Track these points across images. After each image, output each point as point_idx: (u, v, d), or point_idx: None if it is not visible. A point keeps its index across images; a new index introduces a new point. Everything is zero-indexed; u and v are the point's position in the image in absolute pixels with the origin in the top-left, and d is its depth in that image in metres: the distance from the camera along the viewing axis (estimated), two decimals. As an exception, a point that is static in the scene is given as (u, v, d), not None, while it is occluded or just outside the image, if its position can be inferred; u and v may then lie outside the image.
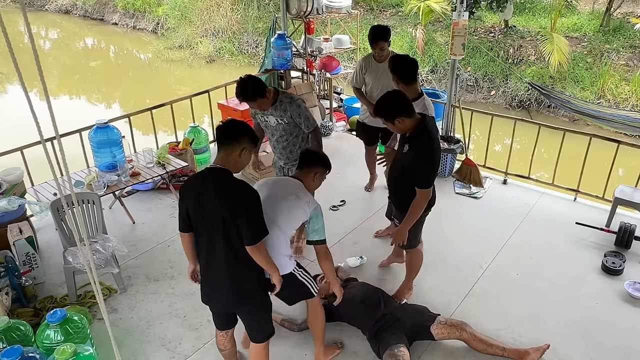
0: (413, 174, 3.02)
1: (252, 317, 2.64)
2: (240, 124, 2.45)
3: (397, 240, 3.22)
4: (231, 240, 2.34)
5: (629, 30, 10.07)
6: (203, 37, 13.97)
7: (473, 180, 5.21)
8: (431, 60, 10.75)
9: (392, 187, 3.40)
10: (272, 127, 3.75)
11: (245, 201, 2.31)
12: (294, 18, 6.71)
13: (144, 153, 4.78)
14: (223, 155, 2.37)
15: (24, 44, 13.46)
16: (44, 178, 4.41)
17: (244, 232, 2.30)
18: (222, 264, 2.42)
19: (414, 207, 3.07)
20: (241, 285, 2.47)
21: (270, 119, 3.69)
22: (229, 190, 2.31)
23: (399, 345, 2.96)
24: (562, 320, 3.46)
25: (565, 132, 4.99)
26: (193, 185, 2.46)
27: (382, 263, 4.01)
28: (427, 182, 3.02)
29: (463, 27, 4.92)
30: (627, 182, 4.71)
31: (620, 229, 4.18)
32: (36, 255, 3.80)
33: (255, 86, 3.44)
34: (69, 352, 2.46)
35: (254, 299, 2.55)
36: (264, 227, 2.36)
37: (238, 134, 2.37)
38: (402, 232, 3.17)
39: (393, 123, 2.95)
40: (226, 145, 2.36)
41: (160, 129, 6.87)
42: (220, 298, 2.56)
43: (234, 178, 2.35)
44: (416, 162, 2.99)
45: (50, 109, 1.22)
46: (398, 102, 2.94)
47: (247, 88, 3.44)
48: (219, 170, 2.35)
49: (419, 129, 2.98)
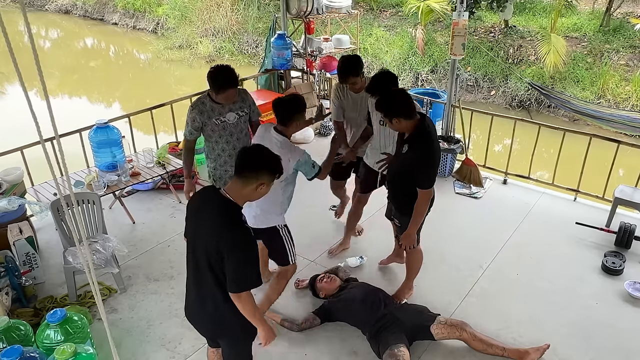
0: (413, 175, 3.02)
1: (229, 349, 2.46)
2: (265, 153, 2.22)
3: (406, 244, 3.23)
4: (216, 273, 2.15)
5: (629, 30, 10.06)
6: (203, 37, 13.97)
7: (473, 180, 5.21)
8: (431, 60, 10.75)
9: (392, 188, 3.39)
10: (232, 126, 3.51)
11: (237, 247, 2.08)
12: (294, 18, 6.71)
13: (144, 153, 4.78)
14: (237, 186, 2.15)
15: (24, 44, 13.44)
16: (44, 178, 4.41)
17: (228, 276, 2.10)
18: (205, 294, 2.25)
19: (417, 208, 3.08)
20: (220, 319, 2.28)
21: (229, 115, 3.48)
22: (227, 229, 2.10)
23: (399, 345, 2.96)
24: (562, 320, 3.46)
25: (565, 132, 4.99)
26: (197, 205, 2.29)
27: (382, 262, 4.01)
28: (427, 182, 3.03)
29: (463, 27, 4.92)
30: (627, 182, 4.72)
31: (620, 229, 4.18)
32: (36, 255, 3.80)
33: (233, 71, 3.33)
34: (69, 352, 2.46)
35: (234, 334, 2.34)
36: (254, 278, 2.13)
37: (258, 168, 2.15)
38: (410, 235, 3.18)
39: (391, 121, 2.97)
40: (243, 177, 2.14)
41: (160, 129, 6.86)
42: (200, 322, 2.40)
43: (239, 218, 2.14)
44: (416, 163, 2.99)
45: (49, 109, 1.22)
46: (397, 102, 2.95)
47: (232, 74, 3.29)
48: (228, 203, 2.14)
49: (418, 130, 2.98)
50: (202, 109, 3.45)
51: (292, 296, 3.71)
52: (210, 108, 3.46)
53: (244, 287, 2.11)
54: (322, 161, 3.42)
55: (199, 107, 3.45)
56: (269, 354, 3.16)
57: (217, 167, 3.64)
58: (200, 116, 3.44)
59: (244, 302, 2.14)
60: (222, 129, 3.50)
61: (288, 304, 3.60)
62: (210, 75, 3.33)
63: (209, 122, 3.46)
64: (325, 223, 4.61)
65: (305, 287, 3.73)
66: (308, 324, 3.34)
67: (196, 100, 3.54)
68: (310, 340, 3.25)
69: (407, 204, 3.13)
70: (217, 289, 2.18)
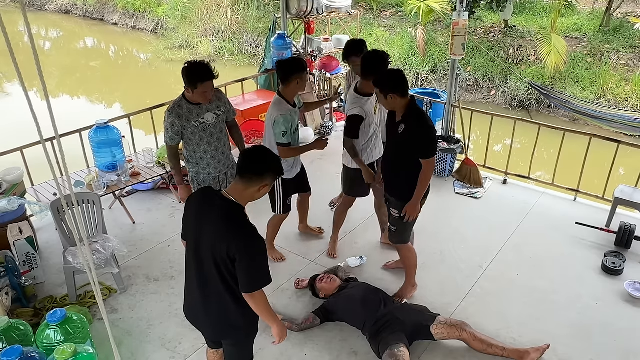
0: (414, 148, 3.10)
1: (232, 347, 2.47)
2: (268, 155, 2.21)
3: (411, 214, 3.27)
4: (224, 275, 2.15)
5: (629, 30, 10.06)
6: (203, 37, 13.97)
7: (473, 180, 5.21)
8: (431, 60, 10.74)
9: (389, 176, 3.38)
10: (211, 127, 3.46)
11: (248, 250, 2.09)
12: (294, 18, 6.70)
13: (144, 153, 4.78)
14: (240, 187, 2.15)
15: (24, 44, 13.45)
16: (44, 178, 4.41)
17: (240, 278, 2.12)
18: (211, 295, 2.25)
19: (422, 178, 3.15)
20: (226, 320, 2.29)
21: (207, 116, 3.42)
22: (235, 234, 2.10)
23: (399, 345, 2.97)
24: (562, 320, 3.46)
25: (565, 132, 4.99)
26: (198, 207, 2.26)
27: (388, 265, 3.99)
28: (431, 150, 3.14)
29: (463, 27, 4.92)
30: (627, 182, 4.71)
31: (620, 229, 4.18)
32: (36, 255, 3.80)
33: (209, 65, 3.27)
34: (69, 352, 2.46)
35: (239, 333, 2.37)
36: (265, 276, 2.14)
37: (262, 170, 2.15)
38: (414, 206, 3.24)
39: (385, 98, 3.06)
40: (246, 178, 2.14)
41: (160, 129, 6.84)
42: (203, 323, 2.41)
43: (244, 219, 2.15)
44: (416, 136, 3.09)
45: (50, 109, 1.22)
46: (395, 79, 3.06)
47: (209, 67, 3.22)
48: (231, 205, 2.13)
49: (411, 108, 3.11)
50: (180, 113, 3.34)
51: (292, 296, 3.71)
52: (187, 110, 3.36)
53: (257, 287, 2.14)
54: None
55: (176, 111, 3.34)
56: (268, 353, 3.16)
57: (199, 171, 3.58)
58: (179, 120, 3.34)
59: (257, 301, 2.17)
60: (202, 130, 3.43)
61: (288, 304, 3.60)
62: (187, 70, 3.22)
63: (188, 125, 3.37)
64: (325, 223, 4.61)
65: (305, 287, 3.73)
66: (308, 324, 3.34)
67: (172, 104, 3.39)
68: (310, 340, 3.25)
69: (407, 191, 3.19)
70: (225, 292, 2.19)
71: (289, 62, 3.53)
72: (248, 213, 2.20)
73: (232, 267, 2.12)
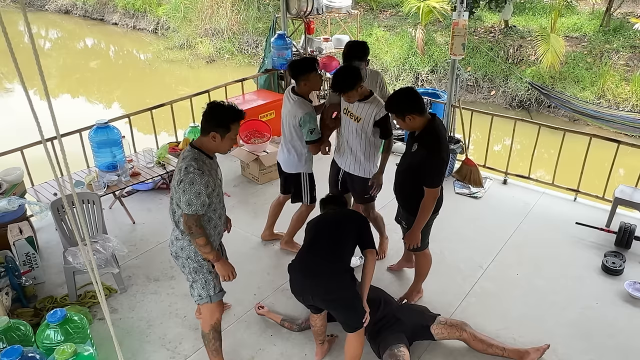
0: (421, 173, 3.00)
1: (338, 312, 2.90)
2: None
3: (410, 242, 3.22)
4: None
5: (629, 30, 10.07)
6: (203, 37, 13.97)
7: (473, 180, 5.21)
8: (431, 60, 10.75)
9: (399, 188, 3.32)
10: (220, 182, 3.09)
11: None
12: (294, 18, 6.71)
13: (144, 153, 4.78)
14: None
15: (24, 44, 13.45)
16: (44, 178, 4.41)
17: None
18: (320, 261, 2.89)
19: (424, 207, 3.06)
20: (328, 283, 2.81)
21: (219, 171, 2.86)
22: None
23: (399, 345, 2.97)
24: (562, 320, 3.46)
25: (565, 132, 4.99)
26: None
27: (392, 267, 3.99)
28: (436, 181, 3.01)
29: (463, 27, 4.92)
30: (627, 182, 4.72)
31: (620, 229, 4.18)
32: (36, 255, 3.80)
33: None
34: (69, 352, 2.47)
35: (339, 295, 2.81)
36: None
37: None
38: (414, 234, 3.17)
39: (404, 120, 2.95)
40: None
41: (161, 129, 6.87)
42: (307, 290, 2.88)
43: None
44: (425, 161, 2.97)
45: (50, 109, 1.22)
46: (410, 98, 2.95)
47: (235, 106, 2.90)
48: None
49: (428, 129, 2.98)
50: (209, 169, 2.64)
51: (292, 296, 3.69)
52: (209, 165, 2.67)
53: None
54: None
55: (205, 168, 2.61)
56: (268, 354, 3.16)
57: (213, 235, 2.81)
58: (210, 178, 2.62)
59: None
60: (219, 187, 2.83)
61: (288, 304, 3.60)
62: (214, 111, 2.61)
63: (214, 185, 2.69)
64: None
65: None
66: (308, 324, 3.34)
67: (195, 161, 2.59)
68: (310, 341, 3.25)
69: (415, 205, 3.10)
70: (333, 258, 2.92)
71: (297, 63, 3.63)
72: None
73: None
